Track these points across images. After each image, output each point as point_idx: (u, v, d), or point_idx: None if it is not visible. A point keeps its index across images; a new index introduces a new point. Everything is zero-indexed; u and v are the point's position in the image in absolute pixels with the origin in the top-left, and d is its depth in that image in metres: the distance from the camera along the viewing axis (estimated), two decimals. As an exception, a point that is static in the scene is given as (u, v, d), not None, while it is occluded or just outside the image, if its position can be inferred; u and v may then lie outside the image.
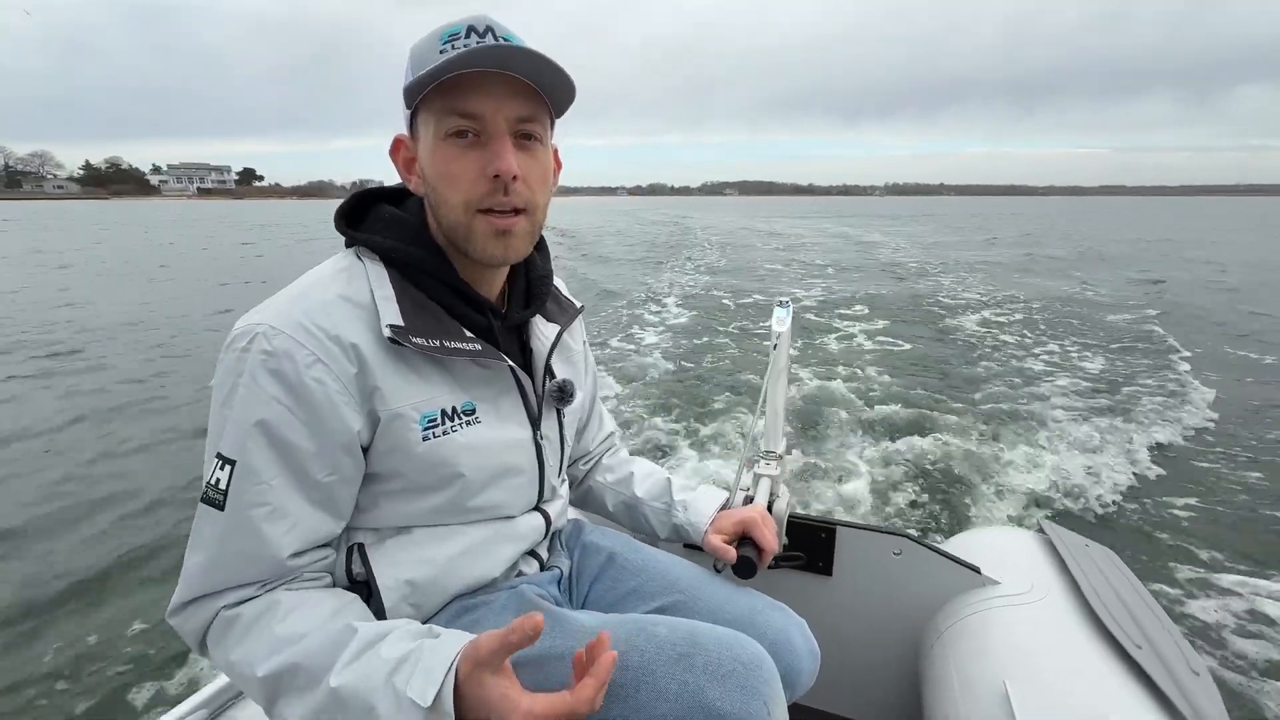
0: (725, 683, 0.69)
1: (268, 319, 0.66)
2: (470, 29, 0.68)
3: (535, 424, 0.83)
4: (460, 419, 0.74)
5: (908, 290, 11.46)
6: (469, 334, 0.74)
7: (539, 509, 0.87)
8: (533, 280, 0.87)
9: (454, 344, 0.71)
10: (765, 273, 14.49)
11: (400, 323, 0.69)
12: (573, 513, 1.08)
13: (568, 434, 0.91)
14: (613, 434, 1.14)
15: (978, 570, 1.11)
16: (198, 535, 0.66)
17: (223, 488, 0.64)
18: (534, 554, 0.89)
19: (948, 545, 1.24)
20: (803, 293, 11.06)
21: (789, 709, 0.76)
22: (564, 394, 0.86)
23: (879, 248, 20.57)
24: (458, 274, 0.76)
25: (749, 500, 1.07)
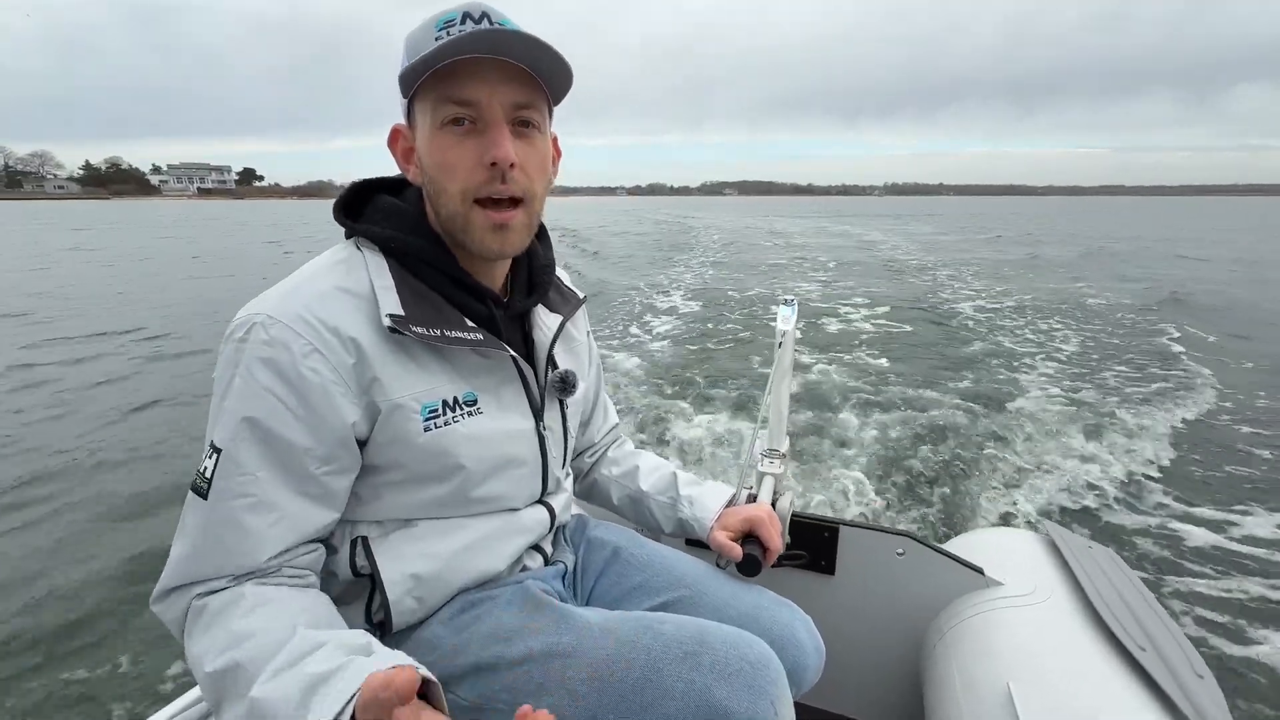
0: (732, 682, 0.69)
1: (265, 309, 0.65)
2: (465, 15, 0.67)
3: (538, 415, 0.82)
4: (461, 409, 0.73)
5: (910, 289, 11.46)
6: (470, 323, 0.74)
7: (543, 502, 0.87)
8: (535, 270, 0.86)
9: (454, 333, 0.71)
10: (768, 269, 14.54)
11: (400, 312, 0.68)
12: (577, 507, 1.08)
13: (571, 425, 0.91)
14: (617, 426, 1.14)
15: (981, 571, 1.10)
16: (183, 523, 0.65)
17: (208, 476, 0.63)
18: (538, 548, 0.89)
19: (951, 545, 1.24)
20: (805, 286, 11.07)
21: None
22: (566, 384, 0.86)
23: (879, 246, 20.65)
24: (457, 263, 0.75)
25: (752, 498, 1.07)
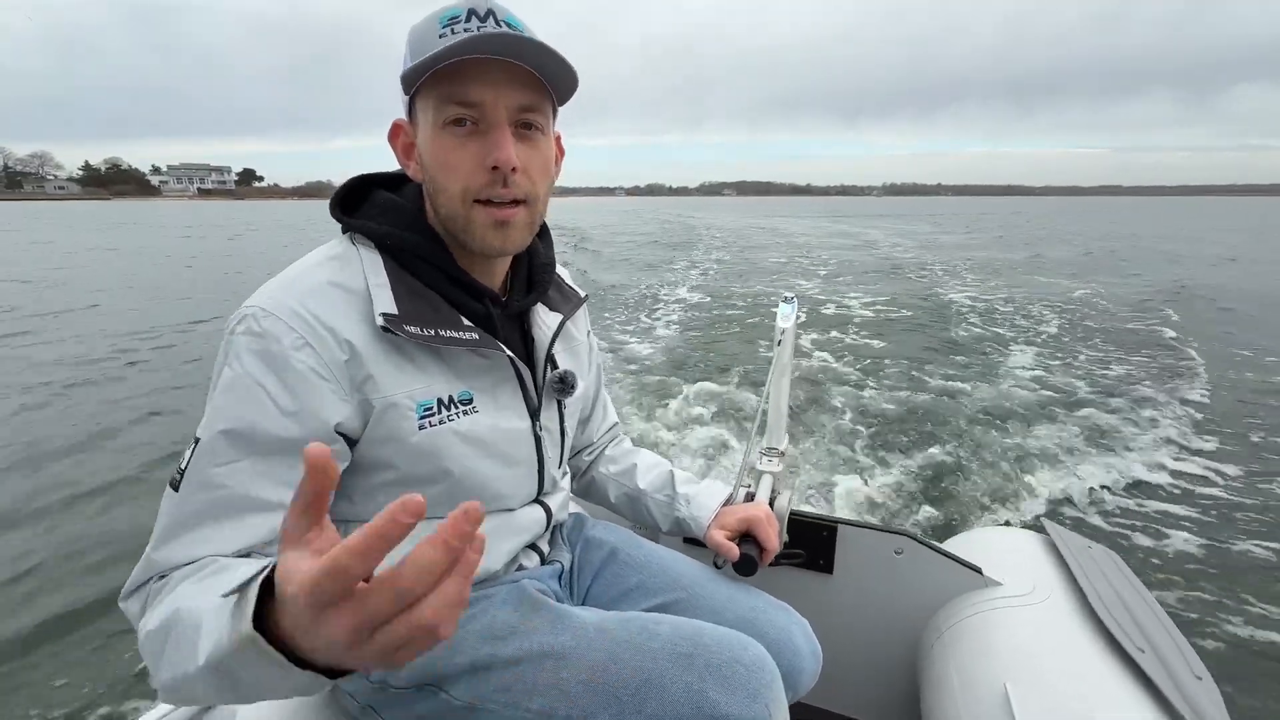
0: (727, 684, 0.69)
1: (259, 302, 0.65)
2: (471, 12, 0.66)
3: (534, 415, 0.82)
4: (457, 408, 0.73)
5: (910, 287, 11.48)
6: (466, 322, 0.73)
7: (539, 501, 0.86)
8: (535, 268, 0.85)
9: (449, 333, 0.70)
10: (769, 266, 14.60)
11: (394, 311, 0.67)
12: (574, 506, 1.08)
13: (568, 425, 0.90)
14: (616, 425, 1.13)
15: (979, 570, 1.10)
16: (158, 518, 0.62)
17: (183, 468, 0.61)
18: (535, 547, 0.88)
19: (949, 545, 1.23)
20: (806, 283, 11.11)
21: (789, 709, 0.76)
22: (565, 385, 0.85)
23: (878, 245, 20.69)
24: (454, 261, 0.74)
25: (750, 497, 1.06)
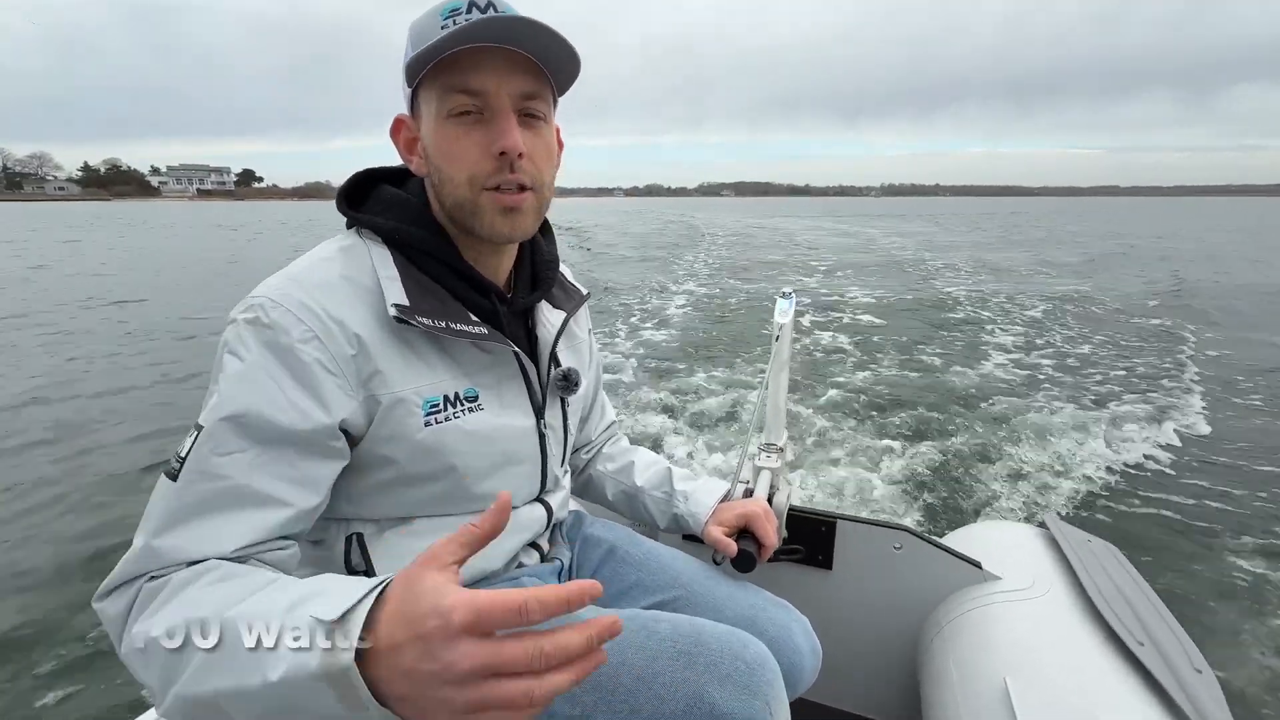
0: (727, 682, 0.69)
1: (268, 293, 0.64)
2: (471, 4, 0.66)
3: (539, 412, 0.82)
4: (462, 405, 0.72)
5: (909, 283, 11.53)
6: (474, 317, 0.73)
7: (541, 499, 0.86)
8: (538, 265, 0.85)
9: (459, 325, 0.69)
10: (769, 264, 14.70)
11: (405, 301, 0.67)
12: (574, 504, 1.07)
13: (571, 423, 0.90)
14: (614, 423, 1.13)
15: (979, 565, 1.10)
16: (149, 508, 0.59)
17: (183, 456, 0.59)
18: (535, 545, 0.88)
19: (949, 539, 1.23)
20: (805, 278, 11.15)
21: (790, 706, 0.76)
22: (569, 382, 0.85)
23: (876, 244, 20.76)
24: (461, 255, 0.74)
25: (749, 493, 1.06)
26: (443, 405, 0.71)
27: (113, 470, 3.90)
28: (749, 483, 1.10)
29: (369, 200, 0.76)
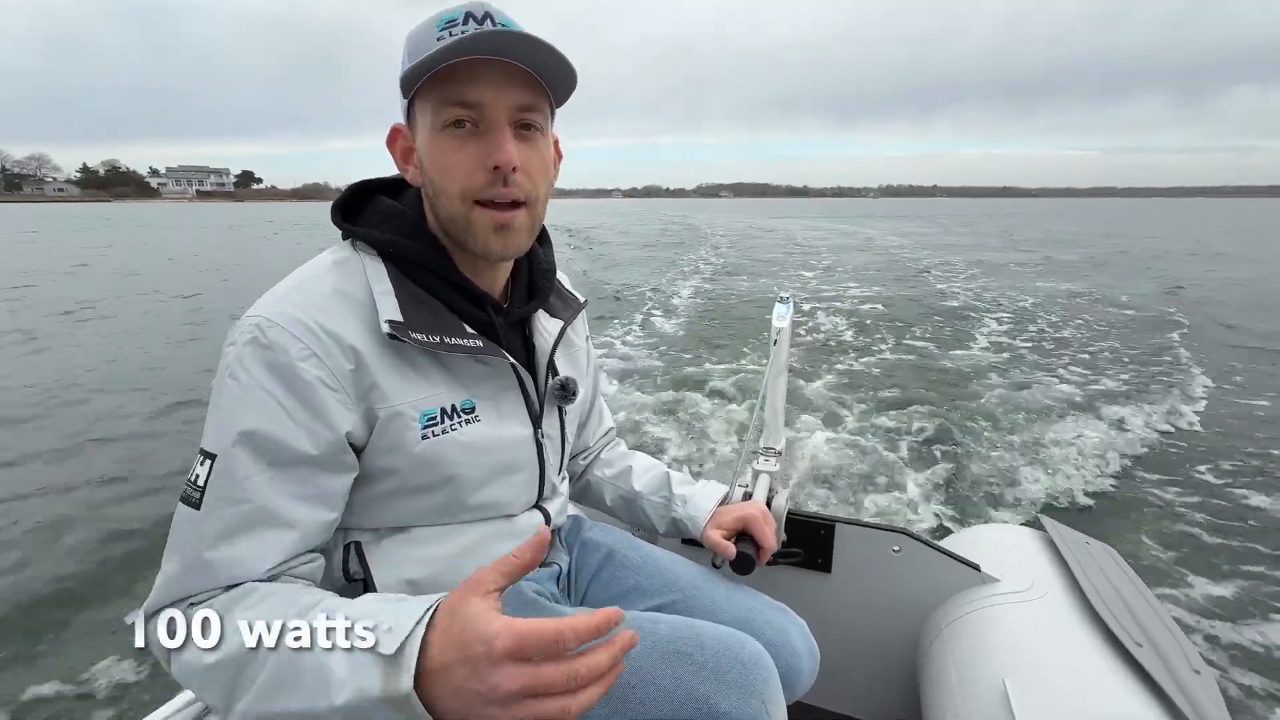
0: (723, 682, 0.69)
1: (263, 312, 0.64)
2: (468, 15, 0.66)
3: (536, 422, 0.82)
4: (459, 417, 0.72)
5: (908, 283, 11.56)
6: (470, 330, 0.72)
7: (539, 506, 0.86)
8: (535, 274, 0.85)
9: (454, 340, 0.69)
10: (769, 263, 14.76)
11: (399, 318, 0.67)
12: (572, 509, 1.07)
13: (569, 431, 0.90)
14: (612, 429, 1.13)
15: (977, 567, 1.10)
16: (174, 537, 0.61)
17: (200, 484, 0.61)
18: None
19: (947, 542, 1.24)
20: (807, 273, 11.19)
21: (788, 709, 0.76)
22: (566, 392, 0.85)
23: (874, 244, 20.83)
24: (456, 268, 0.74)
25: (748, 496, 1.06)
26: (439, 418, 0.71)
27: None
28: (748, 486, 1.10)
29: (365, 212, 0.76)
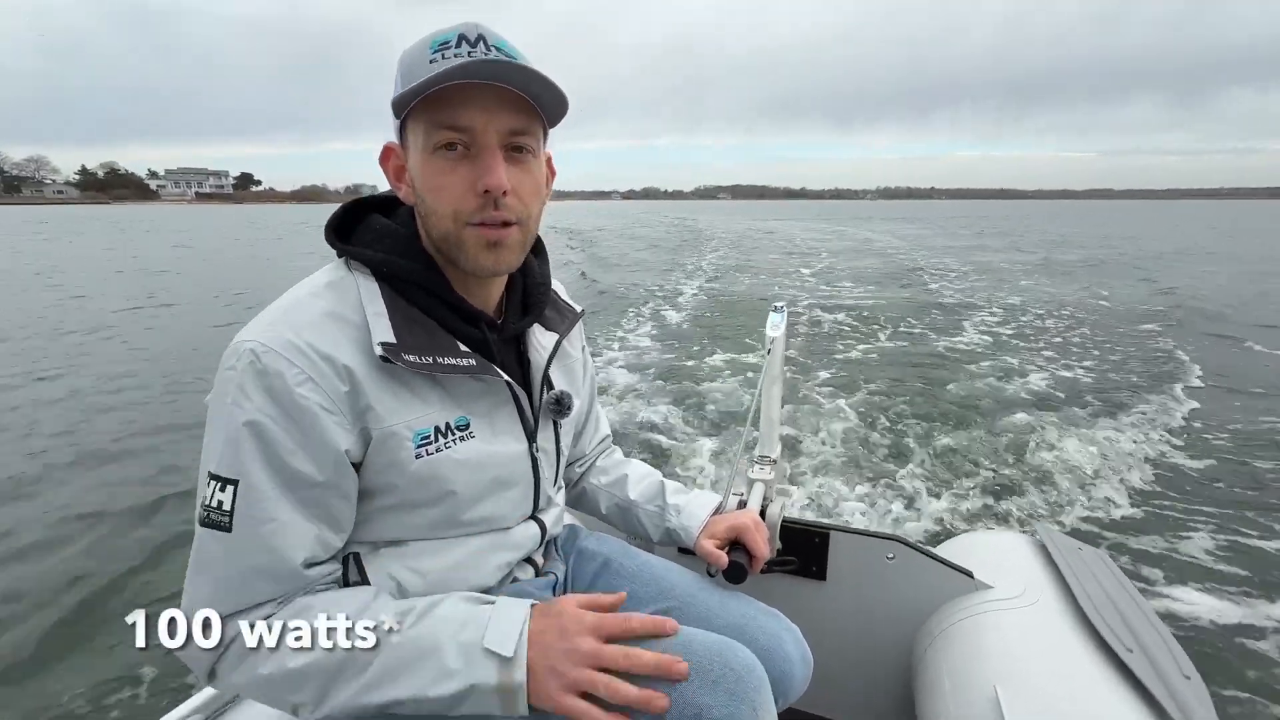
0: (714, 688, 0.69)
1: (257, 336, 0.65)
2: (461, 37, 0.67)
3: (531, 437, 0.82)
4: (454, 434, 0.73)
5: (902, 289, 11.56)
6: (463, 348, 0.73)
7: (534, 518, 0.87)
8: (530, 288, 0.85)
9: (447, 360, 0.70)
10: (768, 266, 14.80)
11: (392, 340, 0.67)
12: (568, 518, 1.08)
13: (564, 444, 0.90)
14: (608, 436, 1.14)
15: (971, 574, 1.11)
16: (202, 558, 0.64)
17: (227, 508, 0.63)
18: (529, 560, 0.89)
19: (941, 549, 1.24)
20: (807, 272, 11.21)
21: (782, 715, 0.77)
22: (561, 406, 0.85)
23: (873, 244, 20.92)
24: (450, 286, 0.74)
25: (742, 505, 1.07)
26: (433, 436, 0.71)
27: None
28: (742, 495, 1.10)
29: (359, 230, 0.76)
